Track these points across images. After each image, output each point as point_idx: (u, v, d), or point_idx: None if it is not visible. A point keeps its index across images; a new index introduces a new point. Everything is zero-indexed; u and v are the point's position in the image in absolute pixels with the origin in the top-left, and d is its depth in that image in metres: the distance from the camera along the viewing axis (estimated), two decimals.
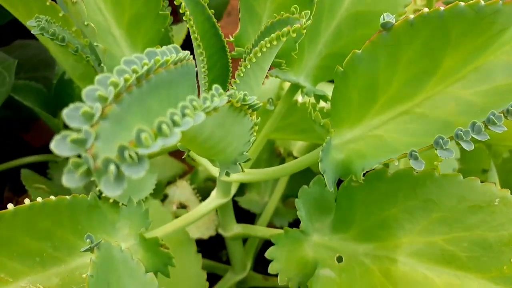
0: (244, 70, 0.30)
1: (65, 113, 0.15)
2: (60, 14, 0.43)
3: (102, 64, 0.35)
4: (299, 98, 0.51)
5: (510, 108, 0.30)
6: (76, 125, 0.15)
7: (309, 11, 0.29)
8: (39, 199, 0.27)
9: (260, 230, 0.49)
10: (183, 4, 0.29)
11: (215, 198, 0.46)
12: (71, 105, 0.16)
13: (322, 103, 0.45)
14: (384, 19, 0.30)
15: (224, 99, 0.19)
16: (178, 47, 0.22)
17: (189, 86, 0.23)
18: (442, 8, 0.29)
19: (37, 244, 0.28)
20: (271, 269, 0.39)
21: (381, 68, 0.32)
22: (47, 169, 0.64)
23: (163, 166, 0.61)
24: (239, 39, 0.37)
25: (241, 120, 0.25)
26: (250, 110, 0.24)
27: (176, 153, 0.65)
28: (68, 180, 0.15)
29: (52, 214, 0.28)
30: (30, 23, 0.37)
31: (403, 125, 0.33)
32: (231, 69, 0.36)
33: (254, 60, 0.29)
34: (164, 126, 0.16)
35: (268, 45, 0.28)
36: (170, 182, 0.63)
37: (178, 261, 0.37)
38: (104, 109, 0.16)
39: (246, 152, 0.31)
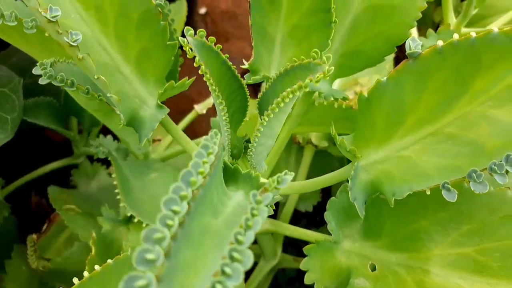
0: (267, 119, 0.29)
1: None
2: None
3: (118, 112, 0.34)
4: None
5: None
6: None
7: (330, 56, 0.27)
8: (85, 273, 0.28)
9: (287, 229, 0.50)
10: (197, 58, 0.28)
11: None
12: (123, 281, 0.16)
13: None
14: (410, 48, 0.29)
15: (258, 222, 0.19)
16: (209, 145, 0.21)
17: (219, 179, 0.23)
18: (473, 35, 0.27)
19: None
20: (307, 279, 0.40)
21: (408, 94, 0.31)
22: (70, 176, 0.65)
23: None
24: (254, 65, 0.35)
25: None
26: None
27: None
28: None
29: (100, 282, 0.29)
30: (35, 71, 0.35)
31: (432, 145, 0.32)
32: (249, 99, 0.35)
33: (276, 110, 0.28)
34: None
35: (291, 95, 0.27)
36: None
37: None
38: (157, 275, 0.16)
39: None
